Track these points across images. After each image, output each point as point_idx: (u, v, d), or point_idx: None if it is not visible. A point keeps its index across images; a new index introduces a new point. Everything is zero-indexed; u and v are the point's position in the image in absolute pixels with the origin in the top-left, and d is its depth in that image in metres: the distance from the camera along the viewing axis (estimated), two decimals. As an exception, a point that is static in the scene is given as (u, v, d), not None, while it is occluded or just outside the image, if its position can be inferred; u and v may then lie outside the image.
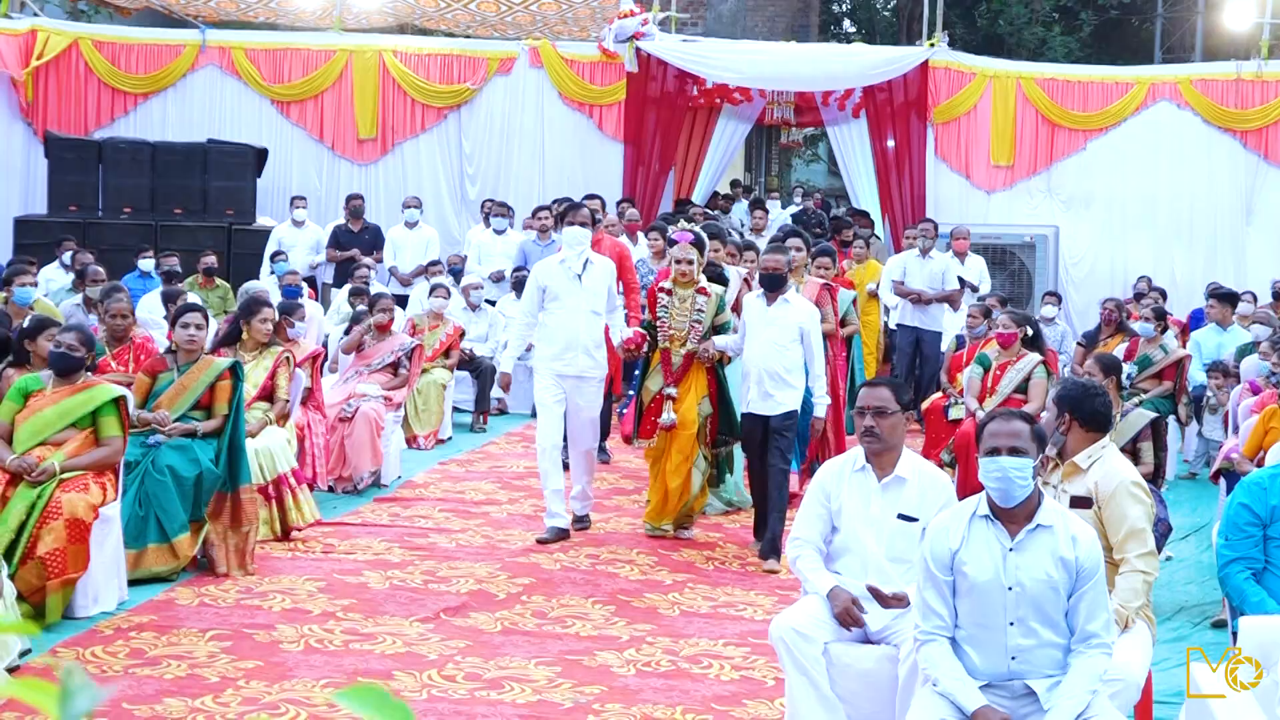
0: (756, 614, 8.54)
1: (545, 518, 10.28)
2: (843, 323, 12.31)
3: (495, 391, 14.77)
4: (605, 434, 12.61)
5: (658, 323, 10.28)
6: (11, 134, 19.58)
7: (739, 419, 10.28)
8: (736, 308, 11.06)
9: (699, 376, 10.26)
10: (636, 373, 10.71)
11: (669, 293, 10.30)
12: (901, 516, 6.30)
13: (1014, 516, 5.36)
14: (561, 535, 10.15)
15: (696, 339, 10.20)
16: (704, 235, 10.58)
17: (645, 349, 10.40)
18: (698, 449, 10.26)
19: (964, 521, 5.42)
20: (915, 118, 19.37)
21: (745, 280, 11.96)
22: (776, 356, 9.83)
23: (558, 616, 8.41)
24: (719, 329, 10.30)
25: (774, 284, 9.89)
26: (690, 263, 10.21)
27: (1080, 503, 6.25)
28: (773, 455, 9.87)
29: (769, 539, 9.77)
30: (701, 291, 10.27)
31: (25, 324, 9.21)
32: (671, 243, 10.52)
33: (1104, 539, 6.17)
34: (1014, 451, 5.33)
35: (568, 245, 10.39)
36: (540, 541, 9.99)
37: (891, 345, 16.98)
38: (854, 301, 12.52)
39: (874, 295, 16.21)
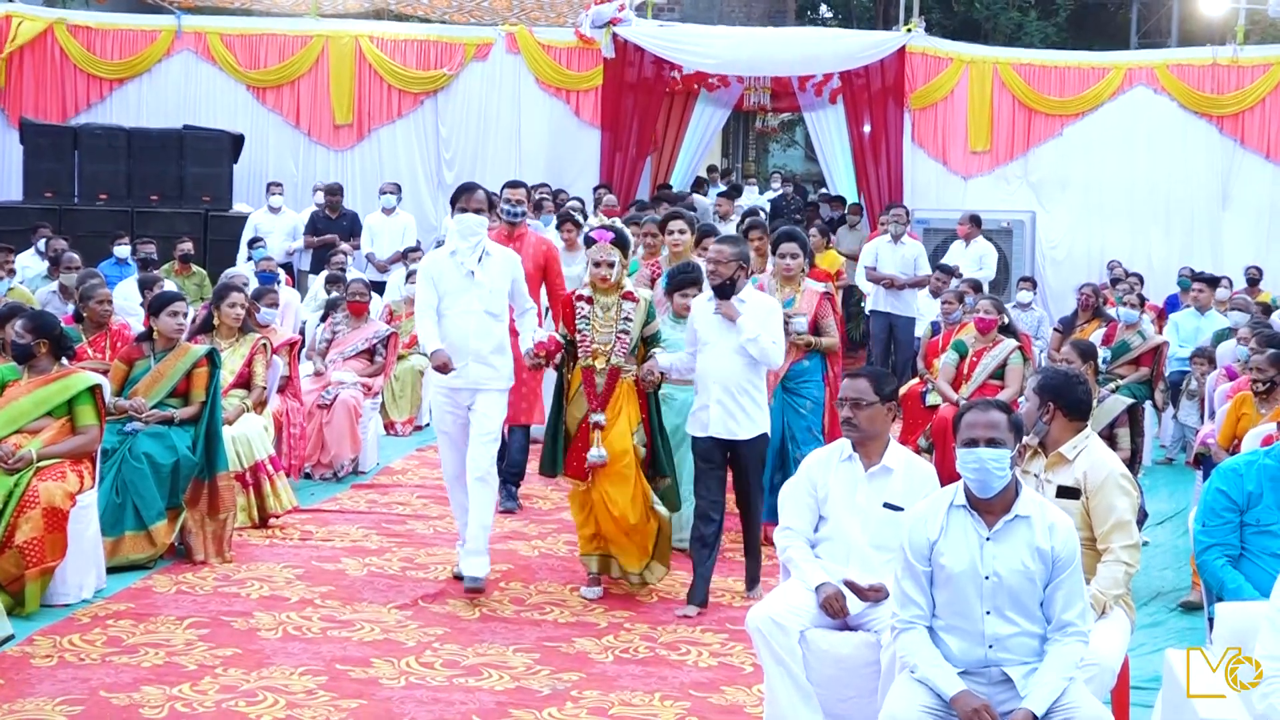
0: (735, 600, 8.54)
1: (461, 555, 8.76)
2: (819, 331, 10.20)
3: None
4: (520, 476, 11.04)
5: (577, 337, 8.55)
6: (-15, 121, 19.51)
7: (670, 456, 8.79)
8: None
9: (630, 401, 8.52)
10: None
11: (589, 300, 8.61)
12: (887, 505, 6.32)
13: (991, 507, 5.38)
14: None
15: (623, 352, 8.50)
16: (627, 234, 8.83)
17: (557, 360, 8.60)
18: (643, 480, 8.51)
19: (942, 511, 5.44)
20: (892, 103, 19.35)
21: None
22: (738, 369, 8.34)
23: (535, 603, 8.42)
24: (650, 341, 8.67)
25: (719, 285, 8.37)
26: (611, 265, 8.54)
27: (1068, 493, 6.27)
28: (747, 486, 8.58)
29: (750, 574, 8.71)
30: (628, 297, 8.60)
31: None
32: (590, 241, 8.75)
33: (1088, 529, 6.20)
34: (991, 443, 5.35)
35: (459, 235, 8.66)
36: (469, 591, 8.48)
37: (866, 332, 17.01)
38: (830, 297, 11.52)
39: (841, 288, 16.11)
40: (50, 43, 19.86)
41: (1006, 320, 11.93)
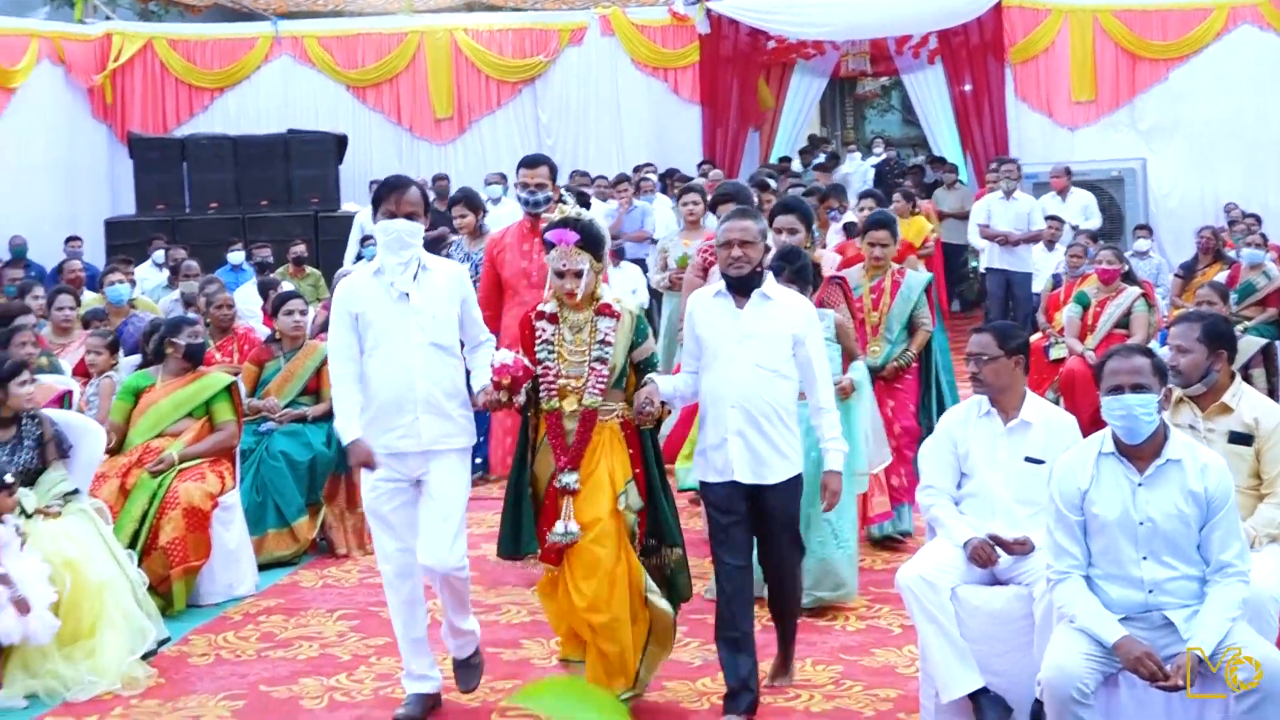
0: (875, 564, 8.51)
1: (404, 680, 6.57)
2: (913, 326, 9.08)
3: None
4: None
5: (539, 369, 6.31)
6: (95, 138, 19.79)
7: (676, 516, 6.48)
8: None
9: (613, 450, 6.26)
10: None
11: (553, 319, 6.38)
12: (1029, 459, 6.25)
13: (1141, 452, 5.32)
14: (432, 705, 6.54)
15: (599, 388, 6.25)
16: (598, 230, 6.39)
17: (519, 397, 6.28)
18: (634, 561, 6.22)
19: (1091, 460, 5.39)
20: (992, 59, 19.20)
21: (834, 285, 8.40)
22: (764, 388, 6.26)
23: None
24: (643, 368, 6.41)
25: (742, 277, 6.34)
26: (578, 275, 6.27)
27: (1240, 439, 6.14)
28: (779, 548, 6.45)
29: (781, 658, 6.72)
30: (605, 311, 6.35)
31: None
32: (549, 245, 6.37)
33: (1256, 475, 6.09)
34: (1137, 388, 5.29)
35: (386, 249, 6.33)
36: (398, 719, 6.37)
37: (980, 291, 16.88)
38: (928, 289, 9.31)
39: (926, 256, 15.86)
40: (151, 57, 20.14)
41: (1127, 268, 11.83)
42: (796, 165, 20.66)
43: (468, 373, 6.56)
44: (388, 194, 6.37)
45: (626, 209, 15.88)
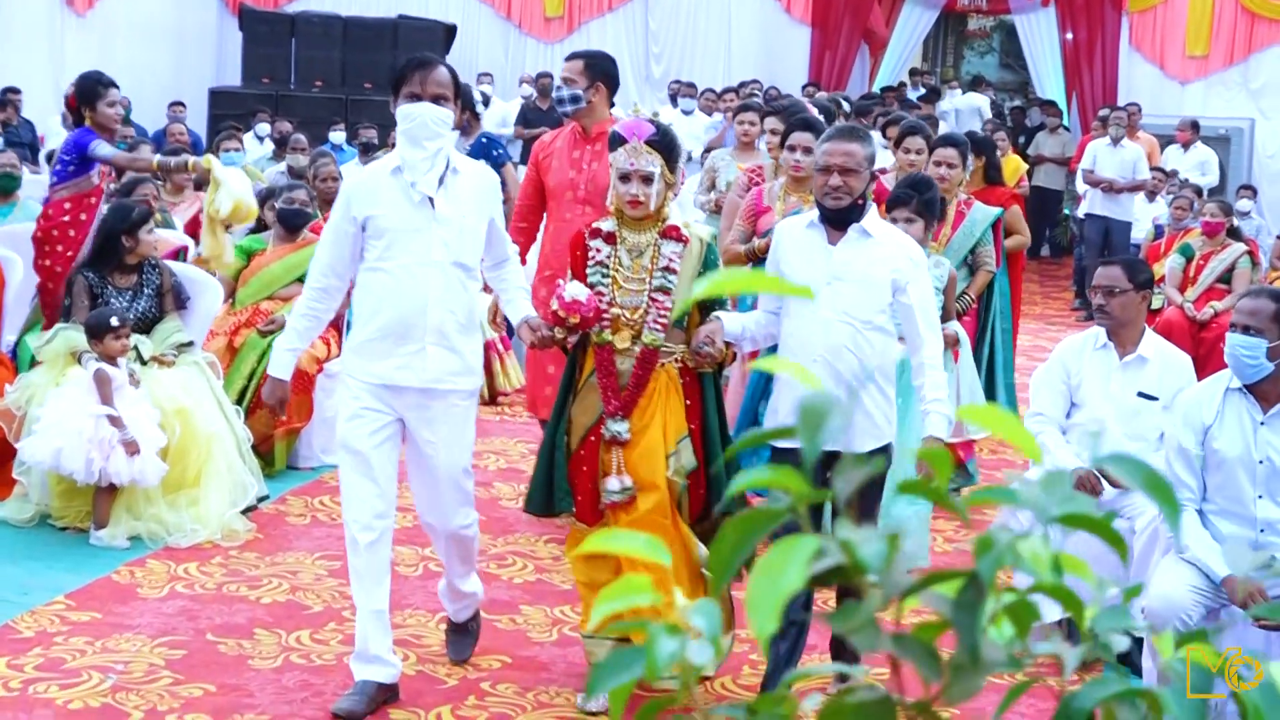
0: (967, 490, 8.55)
1: (352, 662, 5.35)
2: (975, 264, 8.41)
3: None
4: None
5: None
6: (205, 7, 19.90)
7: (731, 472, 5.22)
8: None
9: (670, 397, 5.32)
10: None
11: (610, 238, 5.44)
12: (1141, 395, 6.25)
13: (1267, 392, 5.34)
14: (385, 698, 5.31)
15: (659, 324, 5.34)
16: (677, 140, 5.52)
17: (573, 338, 5.40)
18: (687, 534, 5.33)
19: (1217, 396, 5.41)
20: (1109, 6, 19.00)
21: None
22: (852, 341, 5.27)
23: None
24: (709, 307, 5.41)
25: (841, 209, 5.32)
26: (647, 179, 5.32)
27: None
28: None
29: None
30: (671, 234, 5.43)
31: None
32: (619, 140, 5.38)
33: None
34: (1246, 329, 5.30)
35: (408, 140, 5.20)
36: (336, 715, 5.19)
37: (1073, 237, 16.76)
38: (995, 225, 8.58)
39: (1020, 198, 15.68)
40: (267, -71, 20.21)
41: (1234, 223, 11.75)
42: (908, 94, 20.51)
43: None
44: (411, 73, 5.25)
45: (731, 123, 15.87)
